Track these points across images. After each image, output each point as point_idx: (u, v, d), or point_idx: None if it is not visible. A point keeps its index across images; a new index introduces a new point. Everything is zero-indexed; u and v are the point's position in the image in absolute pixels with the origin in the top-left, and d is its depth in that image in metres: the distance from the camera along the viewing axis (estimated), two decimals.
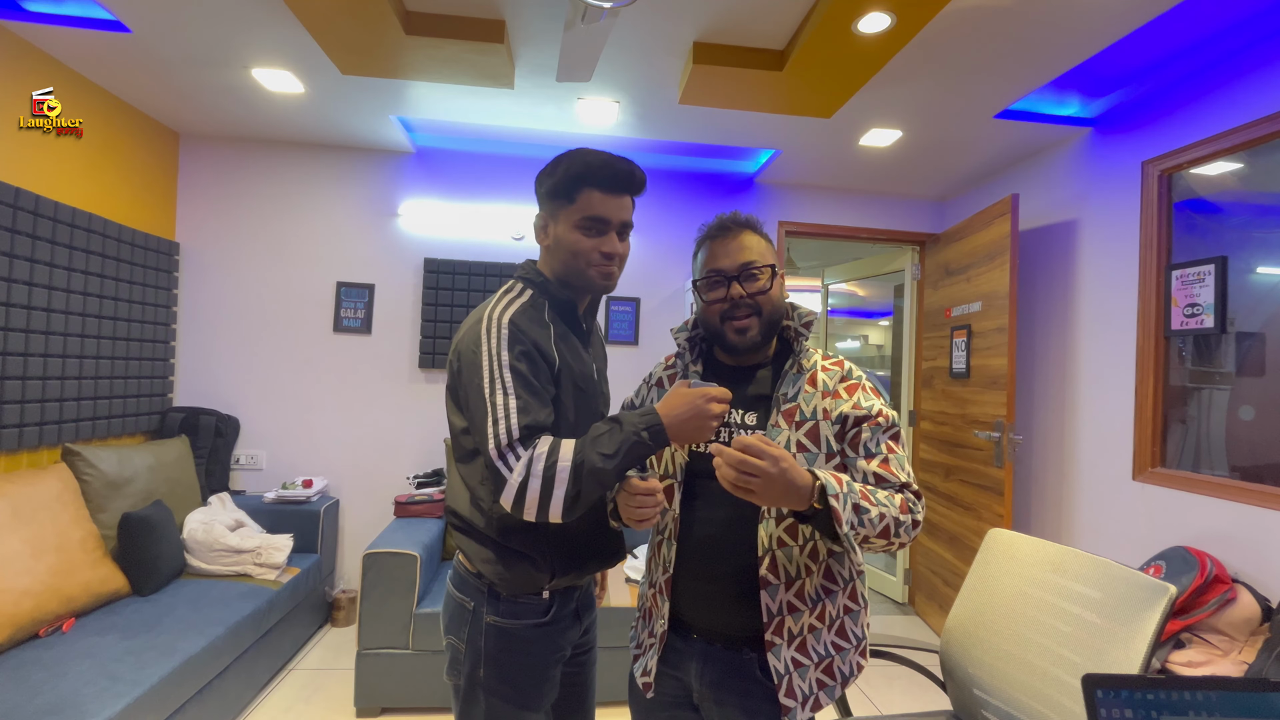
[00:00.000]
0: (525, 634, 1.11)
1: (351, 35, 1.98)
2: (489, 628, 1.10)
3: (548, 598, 1.12)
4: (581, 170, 1.08)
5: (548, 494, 0.95)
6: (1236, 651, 1.76)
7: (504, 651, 1.10)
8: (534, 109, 2.64)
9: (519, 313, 1.08)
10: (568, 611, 1.16)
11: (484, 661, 1.10)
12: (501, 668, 1.10)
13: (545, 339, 1.08)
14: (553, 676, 1.15)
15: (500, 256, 3.24)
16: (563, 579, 1.12)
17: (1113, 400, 2.43)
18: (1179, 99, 2.22)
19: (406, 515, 2.74)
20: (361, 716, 2.21)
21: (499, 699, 1.10)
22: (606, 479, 0.97)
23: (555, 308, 1.14)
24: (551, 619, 1.13)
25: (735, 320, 1.08)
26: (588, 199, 1.08)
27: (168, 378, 2.95)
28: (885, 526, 0.96)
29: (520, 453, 0.97)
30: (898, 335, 3.96)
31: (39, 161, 2.28)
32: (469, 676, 1.11)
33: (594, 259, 1.10)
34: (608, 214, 1.09)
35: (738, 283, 1.07)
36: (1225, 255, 2.04)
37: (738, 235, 1.10)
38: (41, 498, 2.02)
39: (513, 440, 0.97)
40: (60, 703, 1.51)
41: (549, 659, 1.14)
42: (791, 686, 1.01)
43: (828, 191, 3.51)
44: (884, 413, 1.05)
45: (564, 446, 0.97)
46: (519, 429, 0.98)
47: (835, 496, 0.91)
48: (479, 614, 1.11)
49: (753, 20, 1.96)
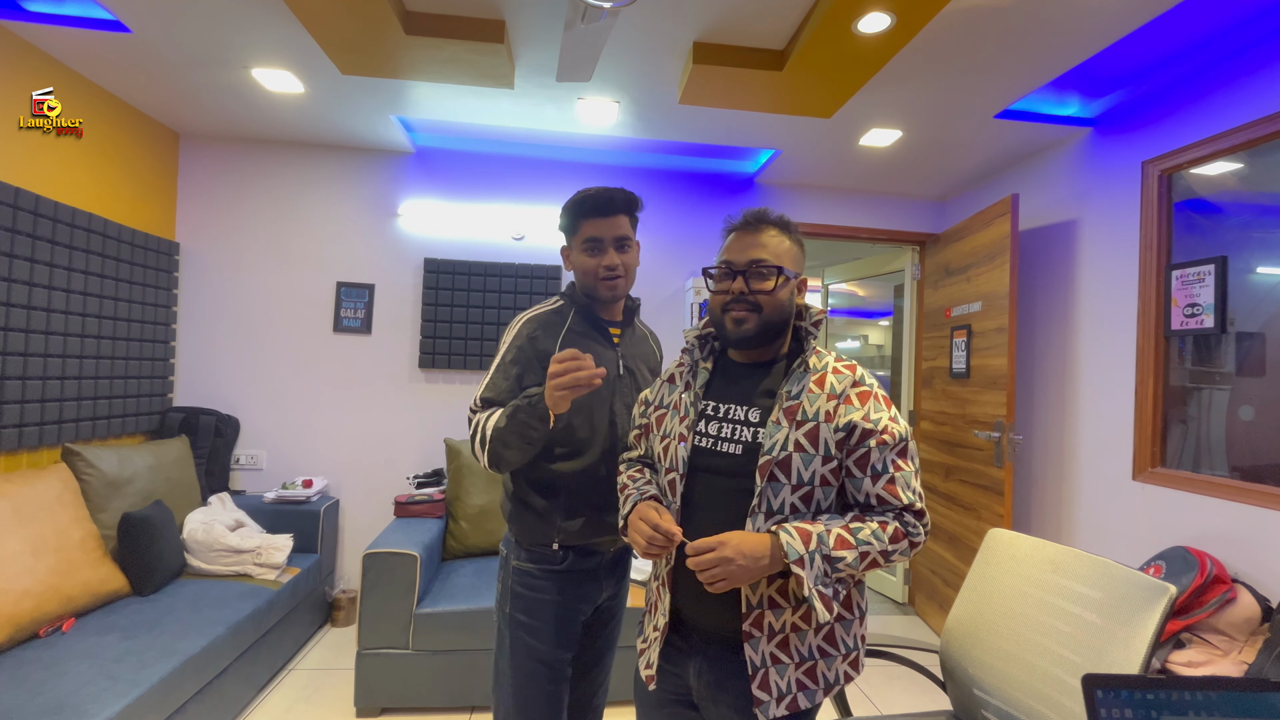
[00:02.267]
0: (542, 576, 1.33)
1: (351, 35, 1.98)
2: (515, 569, 1.36)
3: (559, 551, 1.33)
4: (576, 205, 1.35)
5: (482, 448, 1.26)
6: (1236, 651, 1.76)
7: (524, 589, 1.34)
8: (534, 109, 2.64)
9: (536, 317, 1.38)
10: (586, 568, 1.36)
11: (509, 597, 1.35)
12: (522, 603, 1.33)
13: (551, 336, 1.35)
14: (571, 626, 1.35)
15: (500, 256, 3.24)
16: (570, 537, 1.33)
17: (1113, 400, 2.43)
18: (1179, 99, 2.22)
19: (406, 515, 2.74)
20: (361, 716, 2.21)
21: (519, 630, 1.33)
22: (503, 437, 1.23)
23: (580, 314, 1.40)
24: (567, 569, 1.34)
25: (734, 312, 1.09)
26: (585, 226, 1.35)
27: (168, 378, 2.95)
28: (871, 561, 1.00)
29: (475, 416, 1.30)
30: (898, 335, 3.96)
31: (39, 161, 2.28)
32: (499, 611, 1.38)
33: (599, 273, 1.35)
34: (601, 234, 1.34)
35: (743, 277, 1.08)
36: (1225, 255, 2.04)
37: (758, 231, 1.11)
38: (41, 498, 2.02)
39: (476, 405, 1.32)
40: (60, 703, 1.52)
41: (566, 607, 1.34)
42: (767, 680, 1.01)
43: (828, 191, 3.51)
44: (891, 429, 1.03)
45: (494, 415, 1.26)
46: (480, 399, 1.32)
47: (799, 561, 0.95)
48: (508, 559, 1.38)
49: (753, 20, 1.96)
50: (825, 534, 0.98)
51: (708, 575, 0.95)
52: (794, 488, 1.02)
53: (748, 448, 1.05)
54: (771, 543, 0.97)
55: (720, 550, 0.95)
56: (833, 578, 0.99)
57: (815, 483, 1.03)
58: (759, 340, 1.10)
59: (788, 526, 0.98)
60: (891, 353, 4.49)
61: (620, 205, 1.35)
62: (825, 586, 0.98)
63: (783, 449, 1.02)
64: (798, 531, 0.97)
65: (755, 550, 0.96)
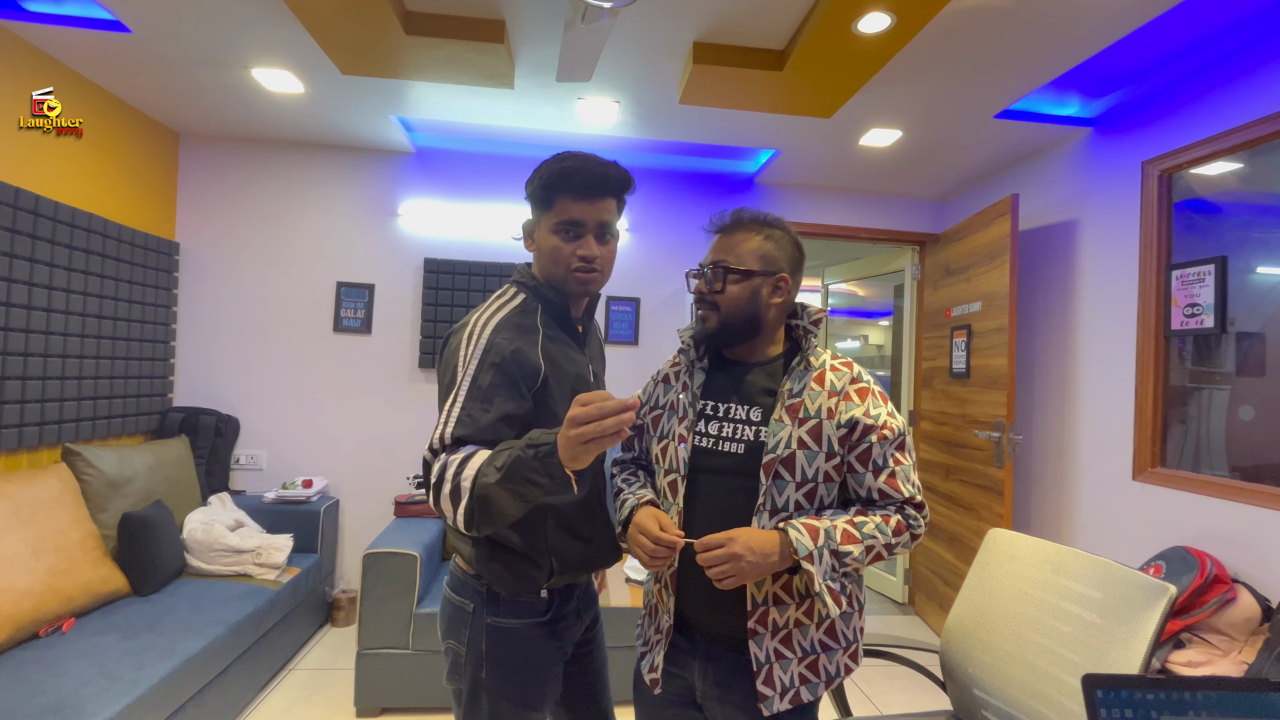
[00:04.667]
0: (526, 633, 1.10)
1: (351, 35, 1.98)
2: (489, 628, 1.09)
3: (546, 597, 1.11)
4: (556, 176, 1.08)
5: (455, 504, 0.90)
6: (1236, 651, 1.76)
7: (505, 651, 1.09)
8: (534, 109, 2.64)
9: (504, 321, 1.06)
10: (568, 610, 1.16)
11: (485, 662, 1.09)
12: (503, 667, 1.09)
13: (531, 345, 1.06)
14: (555, 675, 1.14)
15: (500, 256, 3.24)
16: (561, 578, 1.11)
17: (1113, 400, 2.43)
18: (1179, 99, 2.22)
19: (406, 515, 2.74)
20: (361, 716, 2.21)
21: (502, 699, 1.09)
22: (495, 494, 0.87)
23: (548, 310, 1.13)
24: (552, 618, 1.12)
25: (700, 310, 1.14)
26: (563, 204, 1.08)
27: (168, 378, 2.95)
28: (876, 554, 1.02)
29: (441, 458, 0.94)
30: (898, 335, 3.96)
31: (39, 161, 2.28)
32: (471, 679, 1.10)
33: (572, 263, 1.09)
34: (582, 217, 1.08)
35: (703, 279, 1.12)
36: (1225, 255, 2.04)
37: (730, 233, 1.13)
38: (41, 498, 2.02)
39: (441, 446, 0.96)
40: (60, 703, 1.51)
41: (550, 657, 1.13)
42: (771, 676, 1.02)
43: (828, 191, 3.51)
44: (890, 424, 1.05)
45: (473, 461, 0.91)
46: (450, 437, 0.96)
47: (808, 557, 0.96)
48: (479, 615, 1.09)
49: (753, 20, 1.96)
50: (832, 529, 0.99)
51: (717, 572, 0.96)
52: (798, 485, 1.03)
53: (750, 447, 1.05)
54: (780, 539, 0.98)
55: (729, 547, 0.95)
56: (840, 572, 1.00)
57: (819, 479, 1.04)
58: (721, 337, 1.12)
59: (795, 523, 0.99)
60: (891, 353, 4.49)
61: (613, 186, 1.10)
62: (833, 581, 1.00)
63: (786, 447, 1.02)
64: (805, 528, 0.98)
65: (764, 547, 0.96)
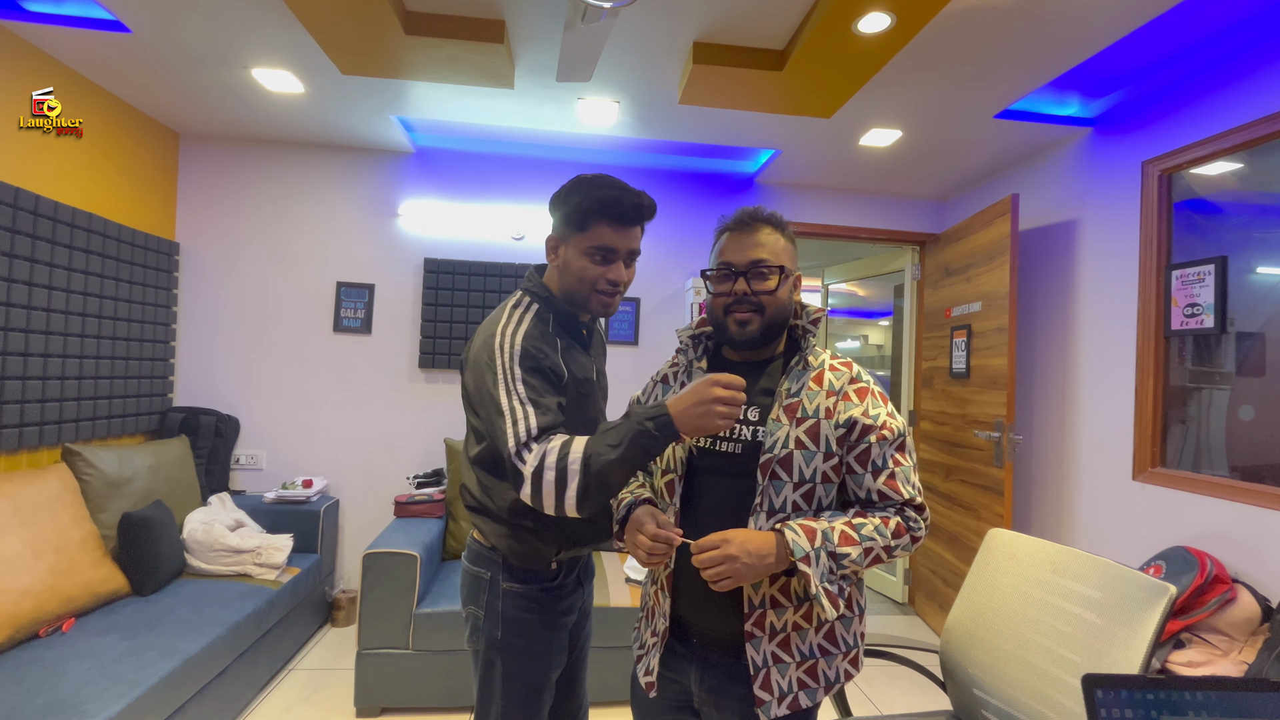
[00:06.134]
0: (537, 596, 1.24)
1: (351, 35, 1.98)
2: (505, 592, 1.23)
3: (555, 567, 1.25)
4: (594, 205, 1.15)
5: (562, 487, 1.01)
6: (1236, 651, 1.76)
7: (520, 611, 1.23)
8: (534, 109, 2.64)
9: (530, 331, 1.16)
10: (572, 578, 1.30)
11: (502, 623, 1.22)
12: (517, 626, 1.22)
13: (554, 351, 1.17)
14: (562, 637, 1.28)
15: (500, 256, 3.24)
16: (567, 552, 1.25)
17: (1113, 400, 2.43)
18: (1179, 99, 2.22)
19: (406, 515, 2.74)
20: (361, 716, 2.21)
21: (516, 655, 1.22)
22: (613, 470, 1.00)
23: (560, 320, 1.23)
24: (558, 583, 1.27)
25: (737, 313, 1.08)
26: (599, 230, 1.16)
27: (168, 378, 2.95)
28: (875, 557, 1.00)
29: (534, 448, 1.04)
30: (898, 335, 3.96)
31: (39, 161, 2.28)
32: (488, 638, 1.23)
33: (600, 285, 1.19)
34: (616, 244, 1.17)
35: (745, 279, 1.07)
36: (1225, 255, 2.04)
37: (755, 231, 1.09)
38: (41, 498, 2.02)
39: (530, 439, 1.05)
40: (60, 703, 1.51)
41: (558, 619, 1.27)
42: (768, 680, 1.01)
43: (828, 191, 3.51)
44: (890, 425, 1.04)
45: (576, 443, 1.03)
46: (536, 429, 1.06)
47: (805, 558, 0.95)
48: (495, 582, 1.23)
49: (753, 20, 1.96)
50: (830, 530, 0.98)
51: (712, 573, 0.94)
52: (795, 485, 1.02)
53: (747, 446, 1.05)
54: (776, 540, 0.96)
55: (725, 548, 0.94)
56: (837, 574, 0.99)
57: (817, 480, 1.03)
58: (763, 340, 1.09)
59: (792, 524, 0.97)
60: (891, 353, 4.49)
61: (645, 215, 1.19)
62: (830, 584, 0.98)
63: (784, 446, 1.01)
64: (802, 529, 0.97)
65: (760, 548, 0.95)
